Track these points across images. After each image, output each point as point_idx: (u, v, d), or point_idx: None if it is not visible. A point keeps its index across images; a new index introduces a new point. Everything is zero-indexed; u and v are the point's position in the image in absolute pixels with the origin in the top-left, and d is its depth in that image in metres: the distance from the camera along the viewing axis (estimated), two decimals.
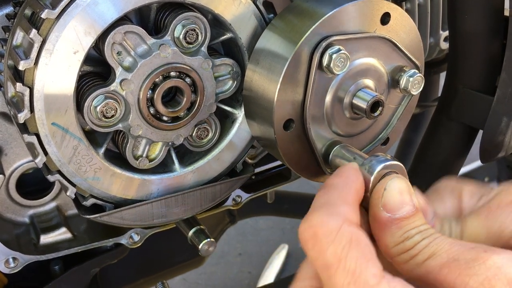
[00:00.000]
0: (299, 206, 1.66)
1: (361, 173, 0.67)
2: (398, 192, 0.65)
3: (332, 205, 0.61)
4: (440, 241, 0.63)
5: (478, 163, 2.50)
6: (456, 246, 0.61)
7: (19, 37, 0.74)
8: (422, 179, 1.18)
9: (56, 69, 0.71)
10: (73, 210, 1.01)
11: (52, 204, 1.00)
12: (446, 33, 1.25)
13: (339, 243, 0.57)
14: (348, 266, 0.56)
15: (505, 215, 0.66)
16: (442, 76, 1.37)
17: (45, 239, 0.96)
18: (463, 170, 2.04)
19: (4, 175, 0.92)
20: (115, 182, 0.82)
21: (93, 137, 0.81)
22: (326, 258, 0.57)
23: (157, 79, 0.77)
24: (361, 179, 0.66)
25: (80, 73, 0.73)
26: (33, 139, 0.74)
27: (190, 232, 0.94)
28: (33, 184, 0.99)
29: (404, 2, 1.11)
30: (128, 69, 0.75)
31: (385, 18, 0.80)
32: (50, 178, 0.78)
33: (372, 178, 0.67)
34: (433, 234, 0.64)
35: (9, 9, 0.84)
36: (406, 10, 1.17)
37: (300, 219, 0.68)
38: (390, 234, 0.64)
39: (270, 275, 2.34)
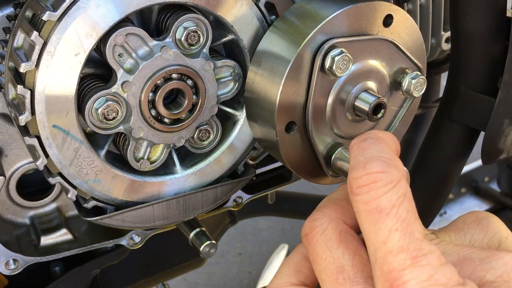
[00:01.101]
0: (300, 206, 1.66)
1: None
2: None
3: (390, 158, 0.60)
4: (448, 244, 0.62)
5: (478, 163, 2.50)
6: (465, 248, 0.61)
7: (20, 39, 0.73)
8: (423, 180, 1.18)
9: (57, 71, 0.70)
10: (73, 211, 1.01)
11: (53, 205, 1.00)
12: (448, 34, 1.25)
13: (396, 192, 0.57)
14: (400, 213, 0.56)
15: (473, 230, 0.65)
16: (443, 76, 1.37)
17: (46, 240, 0.96)
18: (463, 169, 2.04)
19: (5, 176, 0.92)
20: (116, 184, 0.81)
21: (94, 139, 0.80)
22: (380, 202, 0.57)
23: (158, 81, 0.76)
24: (396, 141, 0.65)
25: (81, 75, 0.73)
26: (34, 141, 0.73)
27: (191, 234, 0.94)
28: (34, 184, 0.98)
29: (406, 3, 1.11)
30: (129, 71, 0.75)
31: (388, 20, 0.80)
32: (51, 180, 0.78)
33: None
34: (437, 238, 0.63)
35: (9, 10, 0.84)
36: (408, 11, 1.17)
37: (300, 219, 0.68)
38: None
39: (270, 275, 2.34)
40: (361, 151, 0.62)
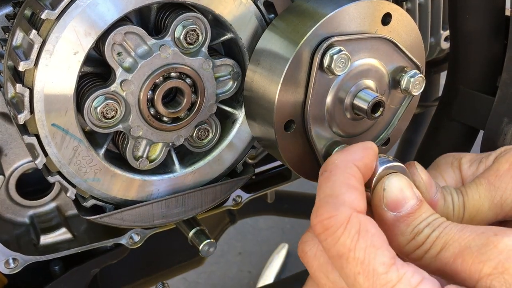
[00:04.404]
0: (299, 205, 1.66)
1: (365, 149, 0.67)
2: (398, 189, 0.65)
3: (338, 195, 0.62)
4: (450, 230, 0.62)
5: None
6: (466, 233, 0.61)
7: (19, 37, 0.74)
8: None
9: (56, 70, 0.71)
10: (73, 211, 1.01)
11: (52, 205, 1.00)
12: (447, 32, 1.25)
13: (348, 234, 0.59)
14: (357, 255, 0.58)
15: (505, 184, 0.67)
16: (442, 75, 1.37)
17: (45, 239, 0.96)
18: None
19: (4, 175, 0.92)
20: (115, 183, 0.81)
21: (93, 137, 0.80)
22: (337, 249, 0.59)
23: (157, 80, 0.76)
24: (363, 154, 0.66)
25: (80, 73, 0.73)
26: (33, 140, 0.74)
27: (191, 233, 0.94)
28: (33, 184, 0.98)
29: (405, 2, 1.11)
30: (128, 70, 0.75)
31: (386, 19, 0.80)
32: (50, 179, 0.78)
33: (374, 180, 0.67)
34: (442, 224, 0.64)
35: (8, 9, 0.84)
36: (407, 10, 1.17)
37: (300, 219, 0.69)
38: (400, 233, 0.64)
39: (270, 274, 2.34)
40: (318, 188, 0.65)
